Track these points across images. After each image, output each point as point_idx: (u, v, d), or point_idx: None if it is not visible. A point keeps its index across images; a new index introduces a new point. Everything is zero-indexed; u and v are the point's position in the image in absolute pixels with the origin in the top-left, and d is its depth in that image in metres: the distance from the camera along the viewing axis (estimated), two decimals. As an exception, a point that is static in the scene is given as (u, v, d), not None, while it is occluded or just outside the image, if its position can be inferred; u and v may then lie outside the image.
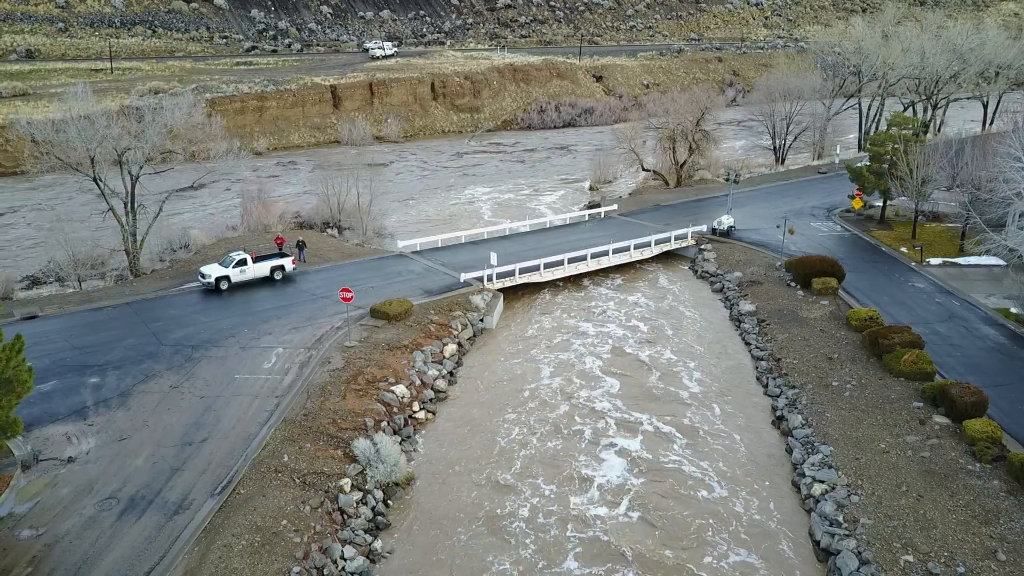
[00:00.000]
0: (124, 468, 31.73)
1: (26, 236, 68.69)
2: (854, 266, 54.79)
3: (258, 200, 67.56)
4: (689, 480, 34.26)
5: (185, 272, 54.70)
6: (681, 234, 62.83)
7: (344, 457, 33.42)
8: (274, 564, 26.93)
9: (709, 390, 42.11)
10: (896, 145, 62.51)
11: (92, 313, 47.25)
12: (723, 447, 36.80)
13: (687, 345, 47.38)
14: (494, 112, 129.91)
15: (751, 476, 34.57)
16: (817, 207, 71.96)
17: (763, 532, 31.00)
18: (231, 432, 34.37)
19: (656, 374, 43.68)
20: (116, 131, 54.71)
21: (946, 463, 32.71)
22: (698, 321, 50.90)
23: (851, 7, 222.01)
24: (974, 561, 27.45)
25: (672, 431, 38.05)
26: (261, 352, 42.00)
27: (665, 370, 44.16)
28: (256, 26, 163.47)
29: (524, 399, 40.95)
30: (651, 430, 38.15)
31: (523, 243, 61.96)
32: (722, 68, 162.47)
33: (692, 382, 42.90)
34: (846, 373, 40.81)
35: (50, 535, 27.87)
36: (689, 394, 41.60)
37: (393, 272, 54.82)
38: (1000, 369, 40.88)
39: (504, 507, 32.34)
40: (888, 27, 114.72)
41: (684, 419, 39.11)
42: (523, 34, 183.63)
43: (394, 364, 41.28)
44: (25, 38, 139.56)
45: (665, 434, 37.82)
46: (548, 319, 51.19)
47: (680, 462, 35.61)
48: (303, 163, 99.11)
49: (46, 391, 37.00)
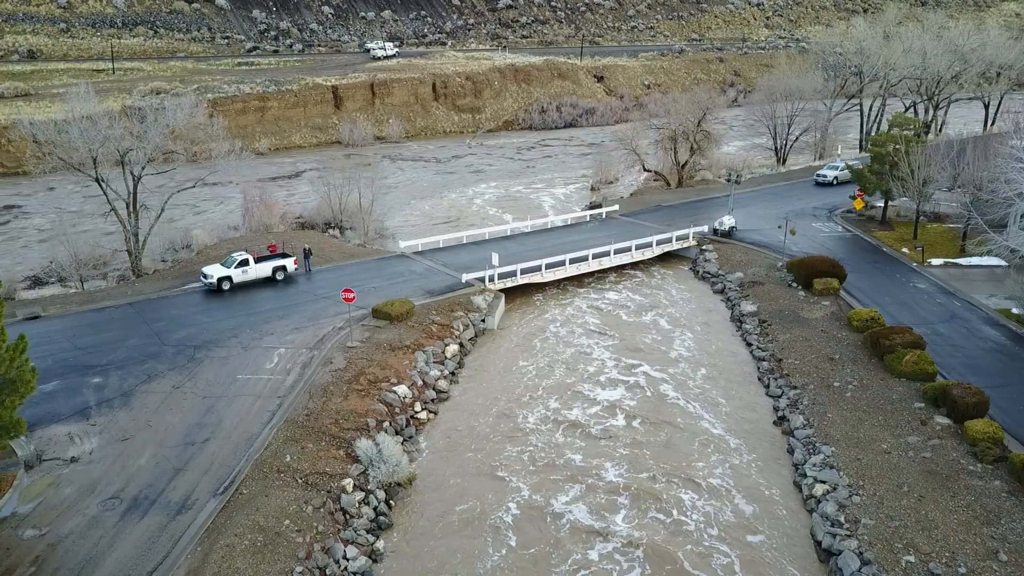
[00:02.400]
0: (127, 468, 31.81)
1: (29, 236, 68.77)
2: (855, 267, 54.82)
3: (260, 201, 67.68)
4: (690, 479, 34.30)
5: (187, 272, 54.81)
6: (682, 234, 62.87)
7: (346, 457, 33.49)
8: (277, 564, 27.00)
9: (710, 390, 42.13)
10: (897, 145, 62.52)
11: (94, 313, 47.35)
12: (724, 447, 36.83)
13: (688, 345, 47.42)
14: (495, 112, 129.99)
15: (752, 476, 34.60)
16: (818, 208, 71.99)
17: (764, 531, 31.02)
18: (233, 432, 34.45)
19: (657, 375, 43.69)
20: (118, 131, 54.81)
21: (947, 464, 32.74)
22: (699, 322, 50.94)
23: (852, 7, 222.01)
24: (975, 561, 27.48)
25: (674, 430, 38.08)
26: (263, 352, 42.08)
27: (666, 371, 44.19)
28: (257, 26, 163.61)
29: (526, 399, 41.00)
30: (652, 430, 38.18)
31: (524, 243, 62.02)
32: (723, 68, 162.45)
33: (694, 382, 42.93)
34: (847, 374, 40.84)
35: (53, 535, 27.94)
36: (691, 395, 41.63)
37: (395, 272, 54.90)
38: (1001, 370, 40.88)
39: (506, 507, 32.37)
40: (889, 27, 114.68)
41: (686, 419, 39.13)
42: (524, 34, 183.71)
43: (396, 364, 41.35)
44: (27, 38, 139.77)
45: (666, 434, 37.85)
46: (550, 320, 51.24)
47: (681, 462, 35.64)
48: (305, 163, 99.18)
49: (49, 391, 37.09)
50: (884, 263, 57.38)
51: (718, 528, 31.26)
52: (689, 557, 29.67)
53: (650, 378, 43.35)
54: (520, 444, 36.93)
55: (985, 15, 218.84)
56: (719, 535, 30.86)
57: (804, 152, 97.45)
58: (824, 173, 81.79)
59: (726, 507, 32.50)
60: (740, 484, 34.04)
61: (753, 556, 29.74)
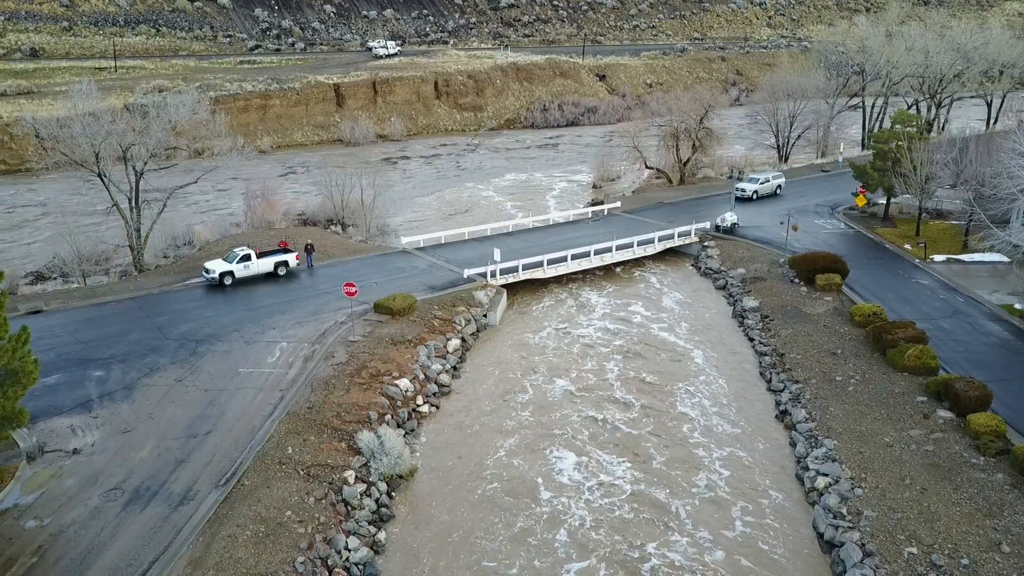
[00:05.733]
0: (129, 460, 31.83)
1: (31, 232, 68.84)
2: (858, 263, 54.77)
3: (262, 197, 67.70)
4: (692, 472, 34.27)
5: (189, 268, 54.82)
6: (684, 231, 62.82)
7: (348, 450, 33.49)
8: (278, 554, 27.00)
9: (712, 385, 42.10)
10: (900, 142, 62.47)
11: (96, 308, 47.38)
12: (727, 440, 36.80)
13: (691, 341, 47.38)
14: (497, 111, 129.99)
15: (754, 469, 34.57)
16: (821, 204, 71.95)
17: (766, 524, 30.99)
18: (235, 425, 34.46)
19: (659, 370, 43.68)
20: (121, 127, 54.83)
21: (950, 457, 32.70)
22: (701, 317, 50.90)
23: (855, 6, 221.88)
24: (978, 553, 27.44)
25: (676, 425, 38.06)
26: (265, 346, 42.10)
27: (668, 366, 44.18)
28: (260, 25, 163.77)
29: (527, 394, 40.99)
30: (653, 424, 38.16)
31: (526, 240, 62.01)
32: (725, 67, 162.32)
33: (695, 377, 42.91)
34: (850, 368, 40.79)
35: (55, 525, 27.95)
36: (693, 389, 41.61)
37: (397, 268, 54.91)
38: (1004, 364, 40.84)
39: (506, 498, 32.38)
40: (892, 26, 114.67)
41: (688, 414, 39.11)
42: (526, 33, 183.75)
43: (398, 359, 41.34)
44: (30, 37, 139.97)
45: (668, 428, 37.83)
46: (551, 315, 51.23)
47: (683, 456, 35.61)
48: (307, 160, 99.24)
49: (51, 384, 37.09)
50: (886, 259, 57.32)
51: (720, 521, 31.22)
52: (691, 550, 29.63)
53: (651, 372, 43.31)
54: (521, 438, 36.91)
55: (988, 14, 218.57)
56: (721, 528, 30.81)
57: (806, 150, 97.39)
58: (743, 187, 73.58)
59: (728, 500, 32.46)
60: (742, 477, 34.01)
61: (755, 548, 29.71)
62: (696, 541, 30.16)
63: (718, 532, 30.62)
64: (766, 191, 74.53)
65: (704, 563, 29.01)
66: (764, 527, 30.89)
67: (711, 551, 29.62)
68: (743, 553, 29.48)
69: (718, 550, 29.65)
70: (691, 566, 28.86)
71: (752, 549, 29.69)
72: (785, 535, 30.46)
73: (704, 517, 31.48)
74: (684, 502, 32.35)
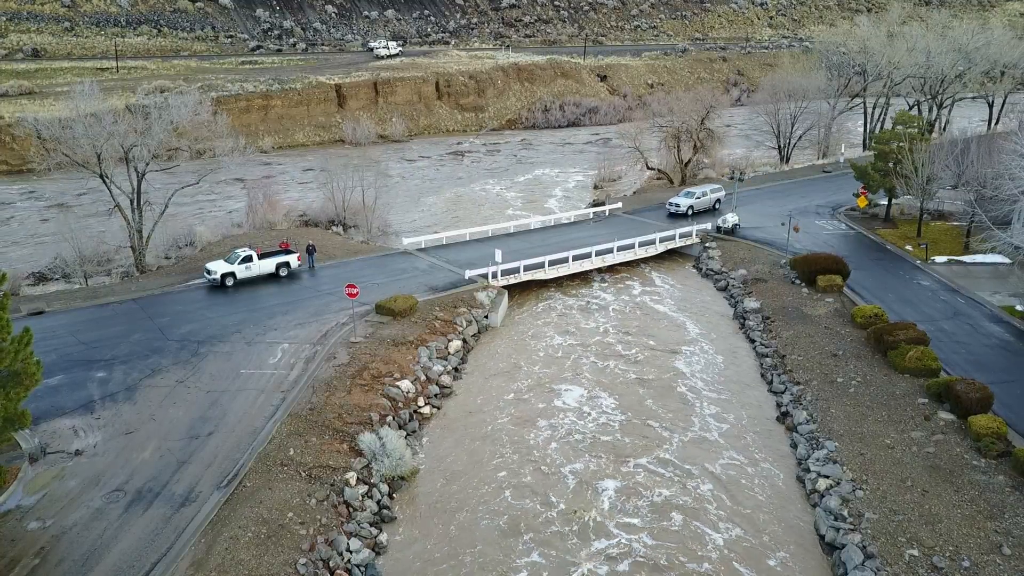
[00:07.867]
0: (131, 461, 31.88)
1: (32, 233, 68.89)
2: (859, 264, 54.76)
3: (263, 198, 67.76)
4: (693, 473, 34.28)
5: (190, 269, 54.86)
6: (686, 232, 62.83)
7: (350, 451, 33.54)
8: (280, 556, 27.05)
9: (713, 386, 42.13)
10: (901, 143, 62.44)
11: (98, 309, 47.43)
12: (727, 443, 36.83)
13: (691, 342, 47.40)
14: (499, 111, 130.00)
15: (755, 471, 34.60)
16: (822, 205, 71.91)
17: (767, 525, 31.01)
18: (237, 426, 34.50)
19: (660, 372, 43.71)
20: (122, 128, 54.87)
21: (951, 458, 32.71)
22: (702, 318, 50.91)
23: (856, 7, 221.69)
24: (979, 555, 27.46)
25: (676, 427, 38.08)
26: (267, 347, 42.14)
27: (669, 367, 44.20)
28: (261, 25, 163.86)
29: (528, 394, 41.02)
30: (656, 428, 38.18)
31: (528, 240, 62.02)
32: (727, 68, 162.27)
33: (696, 378, 42.93)
34: (851, 369, 40.79)
35: (57, 527, 28.02)
36: (694, 390, 41.63)
37: (398, 269, 54.94)
38: (1005, 365, 40.83)
39: (507, 500, 32.40)
40: (893, 27, 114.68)
41: (689, 415, 39.14)
42: (527, 34, 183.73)
43: (399, 360, 41.38)
44: (31, 37, 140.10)
45: (669, 431, 37.86)
46: (553, 316, 51.25)
47: (683, 459, 35.64)
48: (309, 161, 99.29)
49: (53, 385, 37.14)
50: (888, 260, 57.30)
51: (721, 522, 31.25)
52: (691, 551, 29.67)
53: (652, 374, 43.34)
54: (523, 438, 36.95)
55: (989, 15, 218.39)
56: (722, 529, 30.85)
57: (807, 150, 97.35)
58: (676, 202, 68.24)
59: (729, 501, 32.49)
60: (743, 478, 34.04)
61: (756, 550, 29.74)
62: (696, 541, 30.15)
63: (718, 532, 30.63)
64: (702, 206, 68.79)
65: (704, 564, 29.01)
66: (764, 529, 30.91)
67: (711, 552, 29.62)
68: (743, 555, 29.50)
69: (718, 551, 29.66)
70: (691, 567, 28.87)
71: (752, 550, 29.70)
72: (786, 537, 30.48)
73: (704, 518, 31.49)
74: (684, 502, 32.37)
